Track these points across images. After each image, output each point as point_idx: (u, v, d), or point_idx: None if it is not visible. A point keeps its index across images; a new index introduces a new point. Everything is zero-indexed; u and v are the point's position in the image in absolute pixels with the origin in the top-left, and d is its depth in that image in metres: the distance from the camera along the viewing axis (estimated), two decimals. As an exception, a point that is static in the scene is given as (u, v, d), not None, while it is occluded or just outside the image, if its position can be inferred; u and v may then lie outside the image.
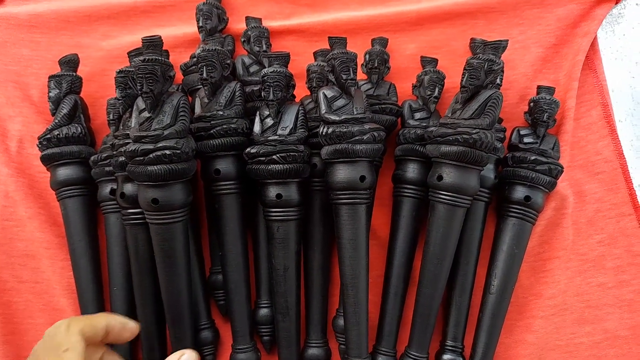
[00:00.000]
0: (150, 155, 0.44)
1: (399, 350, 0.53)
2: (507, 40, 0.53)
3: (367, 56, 0.57)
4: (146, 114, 0.46)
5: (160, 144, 0.44)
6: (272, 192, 0.49)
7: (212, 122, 0.50)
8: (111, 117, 0.56)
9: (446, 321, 0.53)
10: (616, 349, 0.54)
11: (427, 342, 0.51)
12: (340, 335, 0.54)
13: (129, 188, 0.49)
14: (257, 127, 0.51)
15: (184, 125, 0.46)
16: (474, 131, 0.46)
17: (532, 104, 0.55)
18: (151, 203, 0.45)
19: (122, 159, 0.48)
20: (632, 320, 0.54)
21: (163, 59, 0.46)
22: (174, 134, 0.45)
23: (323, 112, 0.49)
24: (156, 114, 0.46)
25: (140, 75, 0.44)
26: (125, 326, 0.43)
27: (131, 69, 0.49)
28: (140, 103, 0.47)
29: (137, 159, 0.44)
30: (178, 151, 0.44)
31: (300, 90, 0.56)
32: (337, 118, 0.48)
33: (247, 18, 0.61)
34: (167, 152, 0.44)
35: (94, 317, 0.41)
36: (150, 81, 0.45)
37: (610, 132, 0.58)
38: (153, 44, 0.46)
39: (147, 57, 0.45)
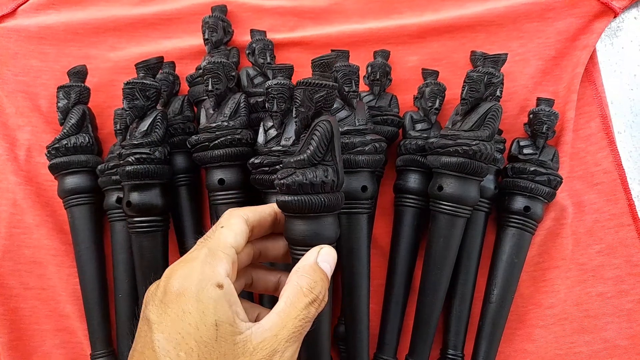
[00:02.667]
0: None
1: (399, 358, 0.54)
2: (507, 54, 0.54)
3: (369, 68, 0.58)
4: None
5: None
6: (276, 201, 0.50)
7: (217, 132, 0.51)
8: (118, 127, 0.57)
9: (446, 330, 0.54)
10: (615, 359, 0.54)
11: (427, 350, 0.52)
12: (342, 343, 0.55)
13: (134, 197, 0.50)
14: (261, 138, 0.52)
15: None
16: (474, 143, 0.47)
17: (531, 116, 0.55)
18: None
19: (128, 168, 0.49)
20: (631, 329, 0.54)
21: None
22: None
23: (326, 123, 0.50)
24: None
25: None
26: None
27: (138, 81, 0.50)
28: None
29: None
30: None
31: (304, 102, 0.57)
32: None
33: (251, 31, 0.62)
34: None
35: (260, 206, 0.40)
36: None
37: (609, 144, 0.59)
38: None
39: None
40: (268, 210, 0.39)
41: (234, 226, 0.36)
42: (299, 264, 0.36)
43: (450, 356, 0.53)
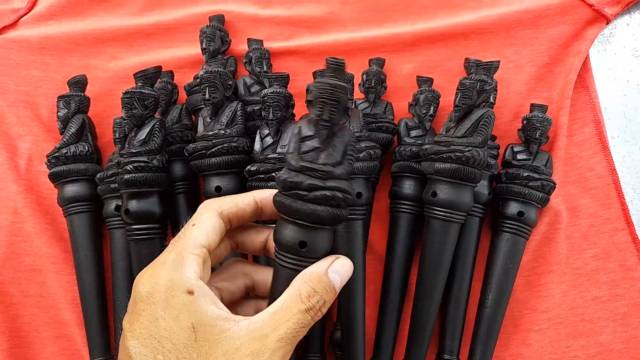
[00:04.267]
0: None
1: (396, 363, 0.54)
2: (499, 61, 0.55)
3: (365, 76, 0.59)
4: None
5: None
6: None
7: (214, 140, 0.52)
8: (117, 135, 0.58)
9: (442, 335, 0.54)
10: (611, 363, 0.54)
11: (423, 355, 0.52)
12: (338, 349, 0.55)
13: (133, 204, 0.51)
14: (257, 146, 0.53)
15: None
16: (467, 149, 0.48)
17: (525, 122, 0.56)
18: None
19: (127, 176, 0.50)
20: (626, 333, 0.55)
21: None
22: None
23: (321, 130, 0.50)
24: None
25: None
26: None
27: (136, 90, 0.51)
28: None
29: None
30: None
31: (300, 109, 0.58)
32: (334, 136, 0.50)
33: (249, 40, 0.63)
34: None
35: (239, 195, 0.38)
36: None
37: (602, 149, 0.59)
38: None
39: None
40: (247, 199, 0.38)
41: (205, 222, 0.35)
42: (309, 269, 0.34)
43: (446, 361, 0.53)
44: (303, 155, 0.36)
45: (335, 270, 0.35)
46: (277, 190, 0.36)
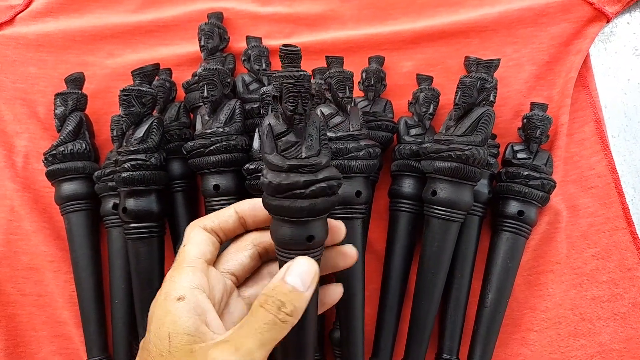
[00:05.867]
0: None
1: (395, 363, 0.54)
2: (499, 59, 0.55)
3: (364, 74, 0.59)
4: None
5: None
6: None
7: (212, 138, 0.51)
8: (115, 133, 0.57)
9: (441, 334, 0.54)
10: (610, 363, 0.54)
11: (422, 354, 0.52)
12: (337, 348, 0.55)
13: (130, 203, 0.51)
14: (256, 144, 0.52)
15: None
16: (467, 147, 0.47)
17: (525, 121, 0.56)
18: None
19: (125, 174, 0.50)
20: (626, 333, 0.55)
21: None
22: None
23: (320, 129, 0.50)
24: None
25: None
26: (255, 205, 0.40)
27: (134, 87, 0.51)
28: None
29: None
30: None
31: (299, 107, 0.58)
32: (334, 135, 0.49)
33: (247, 37, 0.63)
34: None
35: (220, 210, 0.41)
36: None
37: (603, 148, 0.59)
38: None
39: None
40: (228, 212, 0.40)
41: (194, 239, 0.38)
42: (270, 283, 0.36)
43: (445, 360, 0.53)
44: (284, 153, 0.36)
45: (291, 272, 0.36)
46: (257, 199, 0.38)
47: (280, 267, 0.37)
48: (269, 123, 0.36)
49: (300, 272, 0.36)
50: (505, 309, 0.54)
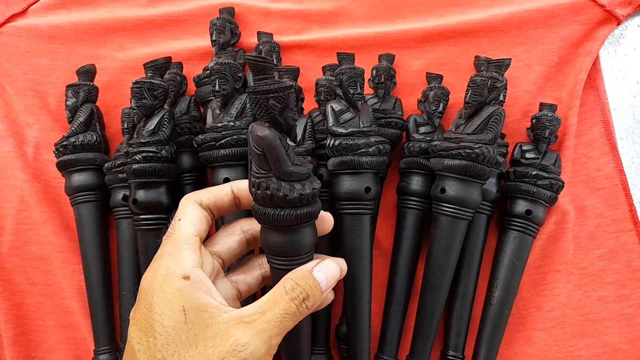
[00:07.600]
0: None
1: (400, 359, 0.54)
2: (510, 59, 0.55)
3: (374, 71, 0.59)
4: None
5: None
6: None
7: (223, 132, 0.52)
8: (125, 125, 0.58)
9: (447, 331, 0.54)
10: (615, 363, 0.54)
11: (428, 351, 0.52)
12: (343, 343, 0.55)
13: (141, 194, 0.51)
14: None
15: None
16: (477, 146, 0.48)
17: (534, 121, 0.56)
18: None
19: (135, 166, 0.50)
20: (631, 334, 0.55)
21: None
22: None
23: (330, 124, 0.51)
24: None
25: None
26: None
27: (146, 80, 0.51)
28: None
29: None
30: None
31: (309, 104, 0.58)
32: (344, 131, 0.50)
33: (258, 33, 0.63)
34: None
35: (217, 186, 0.41)
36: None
37: (611, 149, 0.59)
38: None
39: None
40: (224, 190, 0.40)
41: (189, 215, 0.38)
42: (297, 269, 0.36)
43: (450, 357, 0.53)
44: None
45: (321, 269, 0.37)
46: None
47: (272, 271, 0.39)
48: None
49: (328, 271, 0.37)
50: (511, 307, 0.54)
